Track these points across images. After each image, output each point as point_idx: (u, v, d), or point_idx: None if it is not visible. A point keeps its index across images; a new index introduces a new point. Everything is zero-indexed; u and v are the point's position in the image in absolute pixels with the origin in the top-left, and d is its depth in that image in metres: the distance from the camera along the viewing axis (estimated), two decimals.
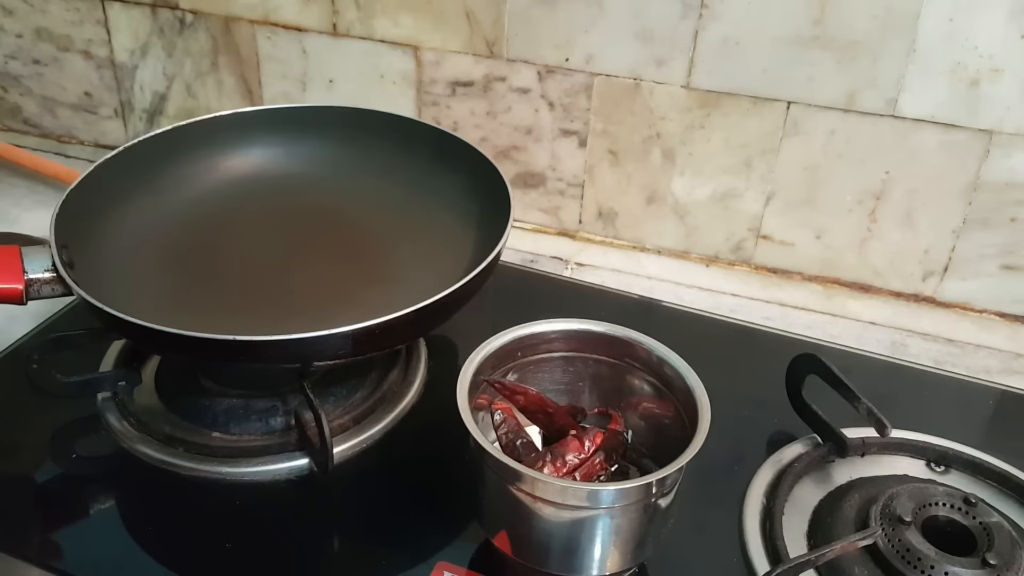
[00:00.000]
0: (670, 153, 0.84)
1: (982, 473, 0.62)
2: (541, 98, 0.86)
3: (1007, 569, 0.51)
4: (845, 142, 0.79)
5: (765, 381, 0.67)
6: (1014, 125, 0.74)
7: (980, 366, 0.77)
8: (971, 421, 0.70)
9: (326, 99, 0.93)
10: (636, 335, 0.56)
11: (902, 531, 0.53)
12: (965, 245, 0.80)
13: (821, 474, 0.62)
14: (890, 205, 0.80)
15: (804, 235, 0.84)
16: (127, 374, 0.65)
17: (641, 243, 0.90)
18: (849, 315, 0.83)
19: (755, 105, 0.79)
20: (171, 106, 1.01)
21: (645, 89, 0.82)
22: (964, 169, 0.77)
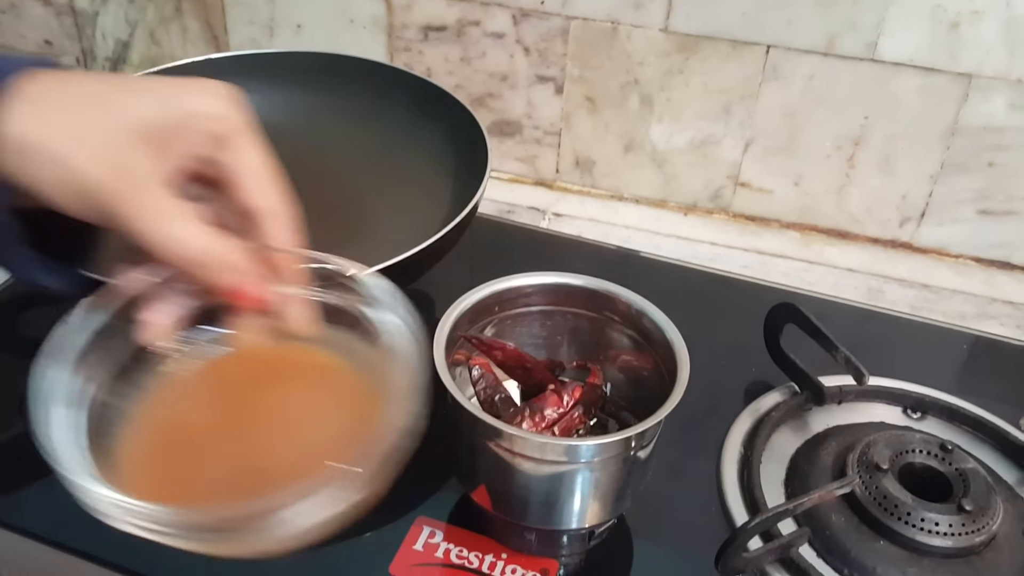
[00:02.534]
0: (648, 99, 0.83)
1: (958, 419, 0.62)
2: (516, 43, 0.84)
3: (982, 514, 0.52)
4: (824, 87, 0.78)
5: (743, 330, 0.67)
6: (993, 68, 0.73)
7: (956, 311, 0.77)
8: (947, 367, 0.70)
9: (294, 45, 0.91)
10: (615, 288, 0.56)
11: (879, 478, 0.53)
12: (942, 190, 0.79)
13: (798, 422, 0.62)
14: (868, 151, 0.80)
15: (782, 182, 0.84)
16: None
17: (619, 192, 0.89)
18: (826, 262, 0.82)
19: (734, 49, 0.78)
20: (135, 54, 0.98)
21: (623, 33, 0.80)
22: (943, 113, 0.76)
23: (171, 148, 0.36)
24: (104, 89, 0.36)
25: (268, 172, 0.39)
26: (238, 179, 0.38)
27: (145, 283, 0.38)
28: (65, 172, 0.34)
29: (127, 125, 0.35)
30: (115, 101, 0.35)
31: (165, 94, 0.36)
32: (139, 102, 0.36)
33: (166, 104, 0.36)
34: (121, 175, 0.34)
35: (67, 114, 0.34)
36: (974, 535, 0.51)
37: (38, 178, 0.34)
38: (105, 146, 0.34)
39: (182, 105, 0.36)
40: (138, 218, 0.34)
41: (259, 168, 0.38)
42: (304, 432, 0.39)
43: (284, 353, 0.42)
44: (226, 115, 0.37)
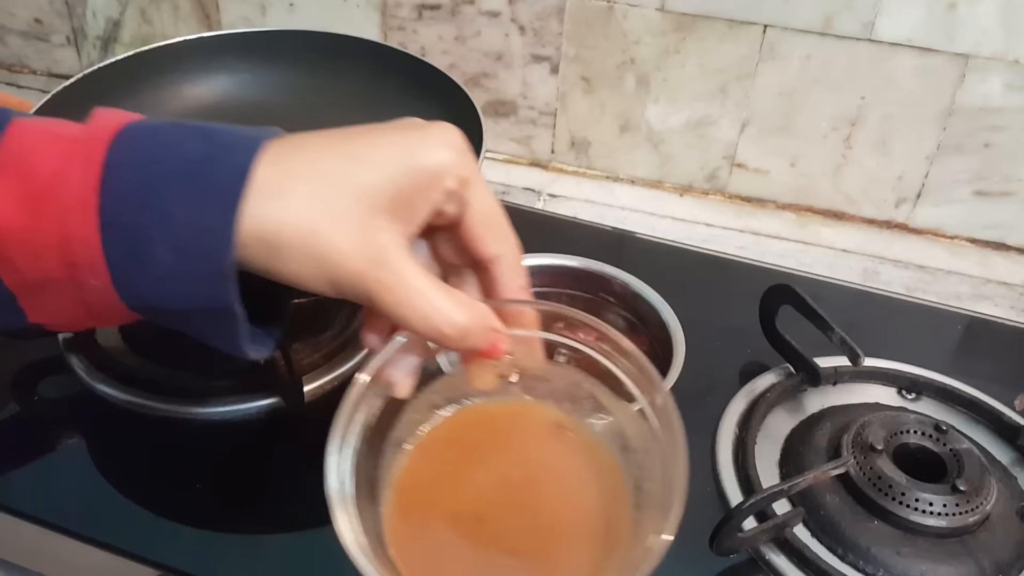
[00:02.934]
0: (644, 79, 0.82)
1: (952, 400, 0.62)
2: (511, 22, 0.83)
3: (976, 494, 0.52)
4: (821, 67, 0.77)
5: (738, 311, 0.66)
6: (990, 49, 0.72)
7: (951, 292, 0.77)
8: (942, 348, 0.70)
9: (287, 23, 0.90)
10: (611, 270, 0.56)
11: (874, 459, 0.53)
12: (938, 171, 0.79)
13: (793, 403, 0.62)
14: (865, 131, 0.79)
15: (778, 163, 0.83)
16: None
17: (614, 173, 0.89)
18: (822, 243, 0.82)
19: (731, 29, 0.77)
20: (126, 33, 0.97)
21: (619, 12, 0.80)
22: (939, 94, 0.76)
23: (415, 212, 0.35)
24: (337, 165, 0.34)
25: (500, 218, 0.38)
26: (472, 228, 0.37)
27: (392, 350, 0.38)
28: (322, 264, 0.33)
29: (373, 201, 0.33)
30: (355, 177, 0.34)
31: (401, 157, 0.35)
32: (377, 174, 0.34)
33: (404, 169, 0.34)
34: (375, 259, 0.33)
35: (316, 201, 0.33)
36: (968, 515, 0.51)
37: (289, 270, 0.33)
38: (360, 232, 0.33)
39: (419, 166, 0.35)
40: (396, 302, 0.34)
41: (493, 215, 0.37)
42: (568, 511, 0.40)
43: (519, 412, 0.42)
44: (461, 165, 0.36)
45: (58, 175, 0.32)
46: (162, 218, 0.31)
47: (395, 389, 0.38)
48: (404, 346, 0.38)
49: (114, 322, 0.36)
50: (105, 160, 0.32)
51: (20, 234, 0.32)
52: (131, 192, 0.32)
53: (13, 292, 0.34)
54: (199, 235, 0.31)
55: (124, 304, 0.33)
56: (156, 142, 0.33)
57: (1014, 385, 0.63)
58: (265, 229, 0.32)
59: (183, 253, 0.32)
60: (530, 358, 0.41)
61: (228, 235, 0.31)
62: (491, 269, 0.38)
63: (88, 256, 0.32)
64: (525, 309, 0.39)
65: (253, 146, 0.33)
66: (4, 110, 0.34)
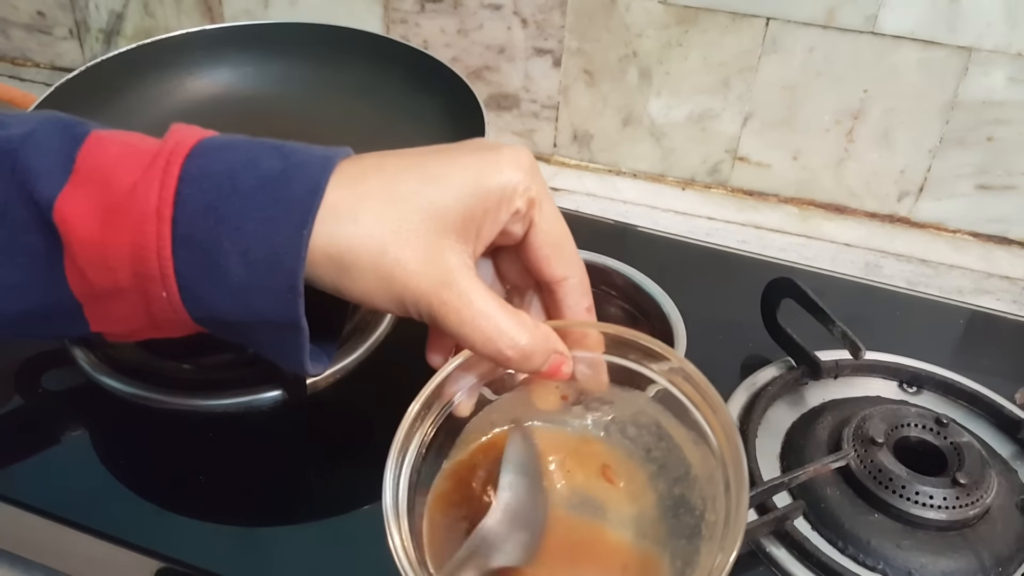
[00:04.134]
0: (647, 72, 0.82)
1: (953, 393, 0.62)
2: (514, 15, 0.83)
3: (977, 488, 0.52)
4: (824, 60, 0.77)
5: (740, 305, 0.66)
6: (993, 42, 0.72)
7: (953, 286, 0.77)
8: (943, 342, 0.70)
9: (289, 16, 0.90)
10: (612, 262, 0.56)
11: (874, 452, 0.53)
12: (941, 165, 0.79)
13: (794, 396, 0.62)
14: (868, 124, 0.79)
15: (781, 156, 0.83)
16: None
17: (616, 166, 0.89)
18: (824, 237, 0.82)
19: (734, 21, 0.77)
20: (128, 25, 0.97)
21: (621, 5, 0.79)
22: (942, 87, 0.75)
23: (482, 232, 0.35)
24: (410, 186, 0.34)
25: (567, 240, 0.38)
26: (539, 250, 0.37)
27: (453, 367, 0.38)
28: (390, 283, 0.33)
29: (442, 222, 0.34)
30: (426, 197, 0.34)
31: (472, 177, 0.35)
32: (448, 194, 0.34)
33: (475, 190, 0.35)
34: (441, 279, 0.34)
35: (386, 221, 0.33)
36: (968, 508, 0.51)
37: (357, 288, 0.33)
38: (426, 249, 0.33)
39: (490, 187, 0.35)
40: (460, 323, 0.34)
41: (559, 237, 0.38)
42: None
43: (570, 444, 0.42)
44: (531, 186, 0.36)
45: (135, 188, 0.32)
46: (235, 232, 0.32)
47: (456, 407, 0.39)
48: (465, 364, 0.38)
49: (175, 333, 0.36)
50: (181, 174, 0.32)
51: (94, 244, 0.32)
52: (206, 206, 0.32)
53: (80, 302, 0.34)
54: (272, 250, 0.32)
55: (189, 316, 0.34)
56: (231, 157, 0.33)
57: (1015, 379, 0.63)
58: (336, 248, 0.32)
59: (254, 267, 0.32)
60: (594, 381, 0.40)
61: (300, 251, 0.32)
62: (556, 291, 0.38)
63: (159, 267, 0.32)
64: (590, 332, 0.39)
65: (327, 164, 0.33)
66: (83, 122, 0.35)
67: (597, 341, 0.39)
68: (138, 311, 0.34)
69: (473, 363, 0.38)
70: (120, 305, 0.34)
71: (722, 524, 0.36)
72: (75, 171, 0.33)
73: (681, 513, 0.39)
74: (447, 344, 0.39)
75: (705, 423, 0.38)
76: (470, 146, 0.37)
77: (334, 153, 0.34)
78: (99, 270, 0.33)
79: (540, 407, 0.41)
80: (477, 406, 0.40)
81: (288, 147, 0.34)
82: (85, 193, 0.32)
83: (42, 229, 0.33)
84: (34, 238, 0.33)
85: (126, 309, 0.34)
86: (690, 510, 0.39)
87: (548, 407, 0.41)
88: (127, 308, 0.34)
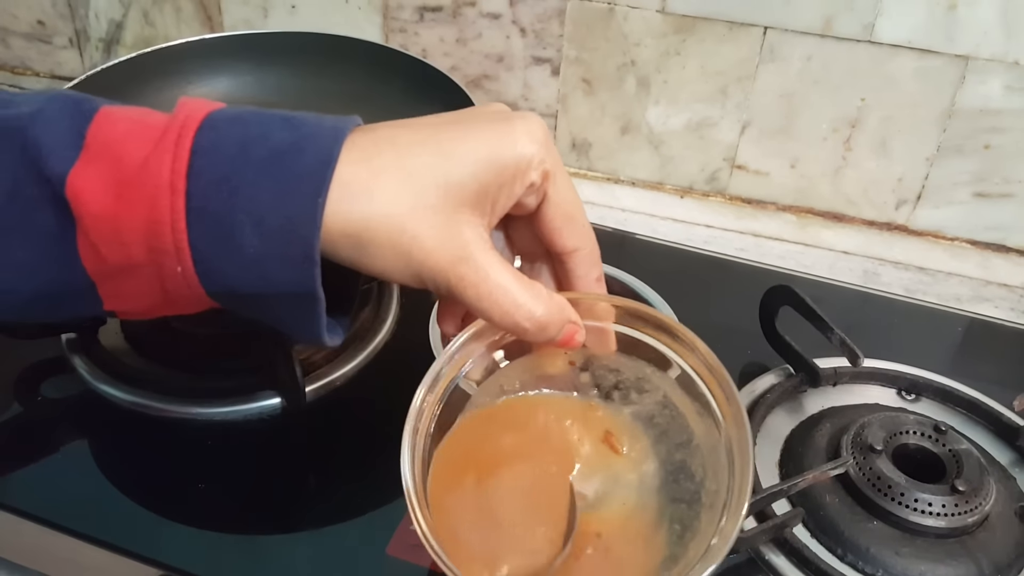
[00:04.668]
0: (645, 81, 0.83)
1: (952, 401, 0.63)
2: (512, 24, 0.83)
3: (975, 495, 0.52)
4: (821, 68, 0.77)
5: (739, 313, 0.67)
6: (990, 51, 0.73)
7: (951, 294, 0.78)
8: (941, 349, 0.70)
9: (288, 25, 0.90)
10: (611, 271, 0.56)
11: (873, 459, 0.53)
12: (939, 173, 0.79)
13: (793, 404, 0.62)
14: (865, 133, 0.79)
15: (779, 164, 0.84)
16: None
17: (615, 174, 0.89)
18: (822, 245, 0.83)
19: (731, 30, 0.78)
20: (128, 34, 0.97)
21: (619, 14, 0.80)
22: (940, 96, 0.76)
23: (497, 204, 0.36)
24: (426, 161, 0.34)
25: (579, 211, 0.39)
26: (551, 221, 0.38)
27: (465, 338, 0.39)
28: (408, 259, 0.33)
29: (459, 197, 0.34)
30: (443, 172, 0.34)
31: (489, 151, 0.35)
32: (465, 169, 0.34)
33: (492, 164, 0.35)
34: (459, 253, 0.34)
35: (403, 197, 0.33)
36: (967, 515, 0.51)
37: (375, 265, 0.34)
38: (443, 224, 0.34)
39: (507, 160, 0.35)
40: (477, 296, 0.34)
41: (572, 209, 0.38)
42: None
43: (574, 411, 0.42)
44: (545, 158, 0.36)
45: (147, 162, 0.32)
46: (249, 203, 0.32)
47: (467, 374, 0.39)
48: (477, 333, 0.39)
49: (188, 310, 0.36)
50: (193, 147, 0.32)
51: (107, 219, 0.32)
52: (219, 178, 0.32)
53: (93, 280, 0.34)
54: (286, 219, 0.32)
55: (203, 290, 0.34)
56: (242, 130, 0.33)
57: (1013, 386, 0.63)
58: (354, 227, 0.33)
59: (270, 237, 0.32)
60: (602, 348, 0.41)
61: (315, 220, 0.32)
62: (567, 261, 0.39)
63: (173, 241, 0.32)
64: (601, 302, 0.40)
65: (338, 136, 0.33)
66: (91, 99, 0.35)
67: (607, 311, 0.40)
68: (152, 287, 0.34)
69: (485, 332, 0.39)
70: (134, 282, 0.34)
71: (724, 493, 0.37)
72: (86, 147, 0.33)
73: (682, 479, 0.40)
74: (459, 311, 0.40)
75: (710, 395, 0.39)
76: (483, 115, 0.37)
77: (344, 124, 0.34)
78: (113, 245, 0.33)
79: (548, 371, 0.41)
80: (486, 372, 0.41)
81: (298, 118, 0.34)
82: (97, 168, 0.32)
83: (54, 206, 0.33)
84: (46, 216, 0.33)
85: (140, 286, 0.34)
86: (690, 476, 0.40)
87: (556, 371, 0.41)
88: (141, 284, 0.34)
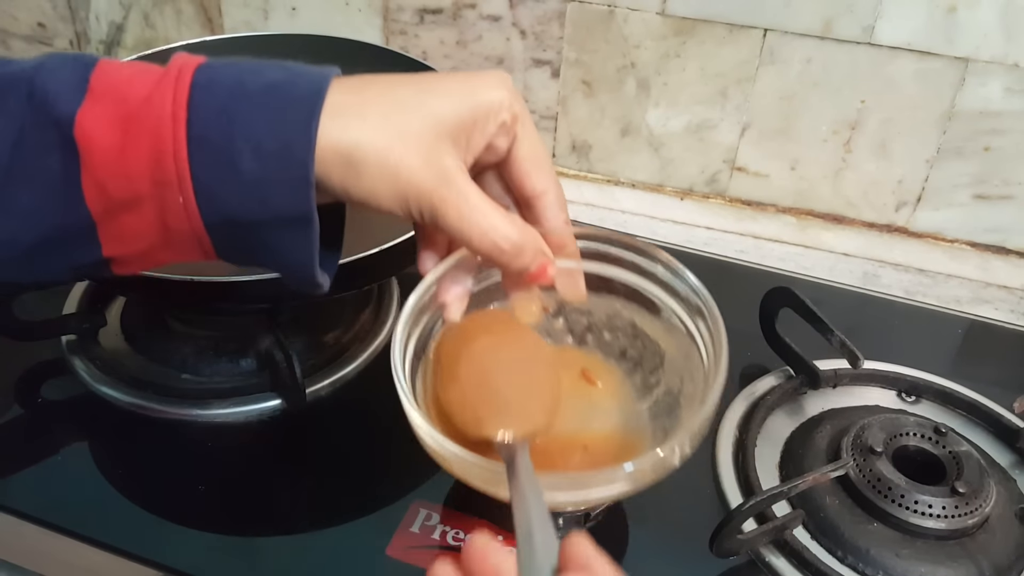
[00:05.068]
0: (645, 83, 0.83)
1: (952, 403, 0.63)
2: (512, 26, 0.83)
3: (975, 497, 0.52)
4: (821, 71, 0.77)
5: (738, 314, 0.66)
6: (990, 53, 0.73)
7: (951, 296, 0.78)
8: (941, 351, 0.70)
9: (289, 27, 0.90)
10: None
11: (873, 461, 0.53)
12: (938, 175, 0.79)
13: (793, 406, 0.62)
14: (865, 135, 0.79)
15: (779, 166, 0.84)
16: (91, 315, 0.64)
17: (615, 177, 0.89)
18: (822, 246, 0.83)
19: (731, 33, 0.78)
20: (129, 37, 0.97)
21: (619, 16, 0.80)
22: (939, 98, 0.76)
23: (471, 141, 0.38)
24: (409, 93, 0.37)
25: (545, 155, 0.41)
26: (520, 164, 0.40)
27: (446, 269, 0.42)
28: (395, 180, 0.35)
29: (439, 127, 0.36)
30: (425, 104, 0.37)
31: (464, 91, 0.38)
32: (444, 103, 0.37)
33: (467, 102, 0.37)
34: (441, 177, 0.36)
35: (390, 123, 0.36)
36: (967, 517, 0.51)
37: (364, 187, 0.36)
38: (427, 151, 0.36)
39: (480, 100, 0.38)
40: (459, 217, 0.37)
41: (539, 152, 0.41)
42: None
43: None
44: (514, 103, 0.39)
45: (150, 98, 0.34)
46: (247, 130, 0.34)
47: (447, 312, 0.42)
48: (455, 267, 0.41)
49: (183, 254, 0.37)
50: (192, 83, 0.35)
51: (114, 153, 0.34)
52: (218, 107, 0.34)
53: (95, 220, 0.36)
54: (282, 143, 0.34)
55: (202, 223, 0.35)
56: (237, 69, 0.36)
57: (1013, 388, 0.63)
58: (346, 146, 0.35)
59: (267, 160, 0.34)
60: (572, 290, 0.44)
61: (309, 141, 0.34)
62: (536, 204, 0.41)
63: (176, 170, 0.34)
64: (568, 242, 0.42)
65: (326, 73, 0.36)
66: (87, 54, 0.38)
67: (575, 251, 0.42)
68: (153, 224, 0.36)
69: (462, 267, 0.41)
70: (135, 219, 0.35)
71: (702, 388, 0.40)
72: (90, 91, 0.35)
73: (659, 396, 0.43)
74: (438, 251, 0.42)
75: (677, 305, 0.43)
76: (454, 73, 0.41)
77: (329, 69, 0.36)
78: (119, 180, 0.34)
79: (523, 319, 0.43)
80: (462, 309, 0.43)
81: (287, 63, 0.37)
82: (103, 107, 0.34)
83: (61, 150, 0.34)
84: (52, 160, 0.35)
85: (141, 223, 0.36)
86: (668, 392, 0.43)
87: (531, 319, 0.43)
88: (142, 222, 0.36)
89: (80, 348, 0.63)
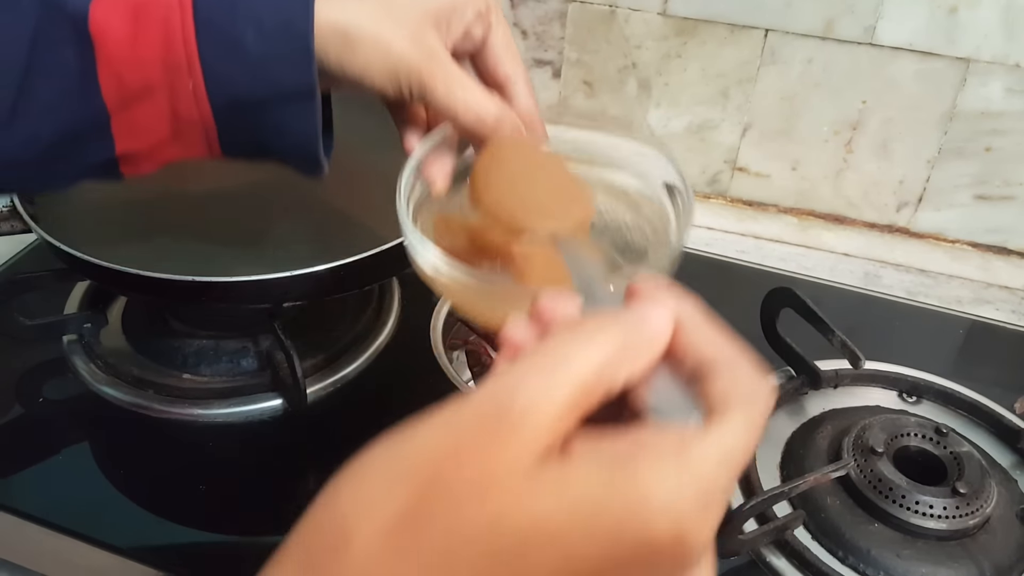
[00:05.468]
0: (646, 83, 0.83)
1: (953, 403, 0.62)
2: (514, 26, 0.83)
3: (976, 497, 0.52)
4: (822, 71, 0.77)
5: (739, 315, 0.66)
6: (991, 53, 0.73)
7: (952, 296, 0.78)
8: (942, 351, 0.70)
9: None
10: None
11: (874, 462, 0.53)
12: (940, 175, 0.79)
13: (794, 406, 0.62)
14: (866, 135, 0.79)
15: (780, 166, 0.84)
16: (92, 316, 0.64)
17: None
18: (823, 247, 0.82)
19: (732, 33, 0.78)
20: None
21: (621, 16, 0.80)
22: (940, 98, 0.76)
23: (452, 26, 0.41)
24: None
25: (514, 45, 0.44)
26: (493, 50, 0.43)
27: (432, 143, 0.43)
28: (387, 56, 0.39)
29: (425, 11, 0.40)
30: None
31: None
32: None
33: None
34: (428, 54, 0.39)
35: (382, 4, 0.39)
36: (968, 518, 0.51)
37: (359, 62, 0.39)
38: (415, 30, 0.39)
39: None
40: (446, 92, 0.40)
41: (509, 40, 0.44)
42: None
43: None
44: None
45: None
46: (249, 10, 0.37)
47: (433, 186, 0.44)
48: (439, 144, 0.43)
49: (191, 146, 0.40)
50: None
51: (127, 43, 0.37)
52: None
53: (110, 112, 0.38)
54: (283, 19, 0.37)
55: (211, 108, 0.38)
56: None
57: (1014, 389, 0.63)
58: (343, 24, 0.38)
59: (270, 37, 0.37)
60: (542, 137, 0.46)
61: (308, 17, 0.37)
62: (508, 88, 0.44)
63: (185, 54, 0.37)
64: (536, 123, 0.45)
65: None
66: None
67: (543, 132, 0.45)
68: (164, 114, 0.38)
69: (446, 143, 0.43)
70: (148, 109, 0.38)
71: (672, 220, 0.44)
72: None
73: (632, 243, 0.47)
74: (419, 129, 0.45)
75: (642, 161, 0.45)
76: None
77: None
78: (132, 68, 0.37)
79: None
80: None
81: None
82: (114, 1, 0.37)
83: (76, 44, 0.37)
84: (68, 54, 0.37)
85: (153, 113, 0.38)
86: (643, 236, 0.47)
87: None
88: (154, 112, 0.38)
89: (81, 348, 0.63)
